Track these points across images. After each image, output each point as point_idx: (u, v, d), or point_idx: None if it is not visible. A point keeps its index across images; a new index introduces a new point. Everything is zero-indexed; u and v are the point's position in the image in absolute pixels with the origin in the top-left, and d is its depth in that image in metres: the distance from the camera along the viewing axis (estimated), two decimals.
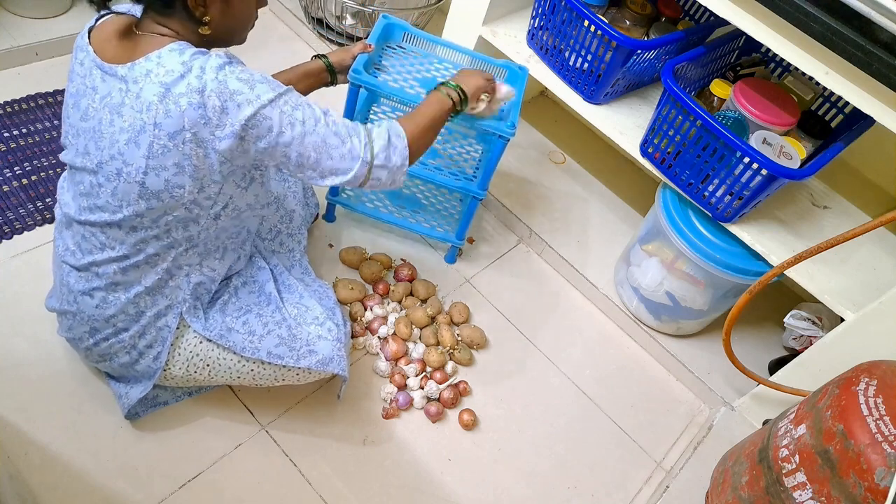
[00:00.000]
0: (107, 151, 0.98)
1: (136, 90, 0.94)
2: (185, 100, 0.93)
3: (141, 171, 0.97)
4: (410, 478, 1.37)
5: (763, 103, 1.47)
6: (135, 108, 0.94)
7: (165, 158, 0.96)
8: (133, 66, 0.95)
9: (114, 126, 0.97)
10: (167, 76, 0.93)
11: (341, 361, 1.25)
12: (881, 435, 1.02)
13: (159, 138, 0.94)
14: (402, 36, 1.58)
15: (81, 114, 1.02)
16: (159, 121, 0.93)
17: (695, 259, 1.51)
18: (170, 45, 0.95)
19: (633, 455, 1.55)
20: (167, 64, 0.94)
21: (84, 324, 1.15)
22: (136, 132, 0.95)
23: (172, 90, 0.93)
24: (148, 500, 1.21)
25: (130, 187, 0.99)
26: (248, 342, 1.20)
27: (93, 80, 0.99)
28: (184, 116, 0.93)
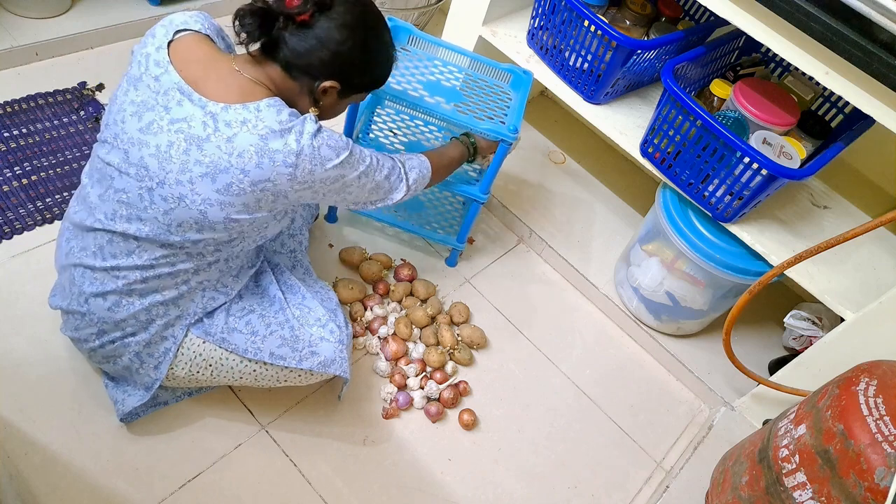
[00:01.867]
0: (174, 175, 1.00)
1: (229, 134, 0.98)
2: (280, 157, 0.99)
3: (208, 203, 1.00)
4: (410, 478, 1.37)
5: (763, 103, 1.47)
6: (222, 150, 0.98)
7: (238, 198, 1.01)
8: (227, 108, 0.98)
9: (188, 155, 0.99)
10: (265, 130, 0.98)
11: (343, 363, 1.25)
12: (881, 435, 1.02)
13: (241, 182, 0.99)
14: (407, 39, 1.58)
15: (143, 126, 1.01)
16: (248, 168, 0.98)
17: (695, 259, 1.51)
18: (267, 99, 1.00)
19: (633, 455, 1.55)
20: (266, 119, 0.98)
21: (92, 325, 1.14)
22: (217, 170, 0.98)
23: (269, 145, 0.98)
24: (148, 500, 1.21)
25: (188, 213, 1.01)
26: (250, 343, 1.20)
27: (167, 100, 1.00)
28: (275, 170, 0.99)
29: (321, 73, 1.06)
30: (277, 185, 1.01)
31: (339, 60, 1.05)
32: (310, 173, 1.03)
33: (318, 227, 1.73)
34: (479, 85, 1.58)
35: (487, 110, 1.52)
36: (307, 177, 1.03)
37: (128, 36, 1.98)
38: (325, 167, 1.04)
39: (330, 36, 1.03)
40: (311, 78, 1.06)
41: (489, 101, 1.55)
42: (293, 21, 1.01)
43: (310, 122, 1.02)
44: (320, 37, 1.03)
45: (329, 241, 1.71)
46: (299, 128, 1.00)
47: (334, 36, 1.03)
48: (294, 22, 1.01)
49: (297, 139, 0.99)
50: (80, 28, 1.91)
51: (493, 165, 1.49)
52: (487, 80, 1.59)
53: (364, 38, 1.07)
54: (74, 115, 1.75)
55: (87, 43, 1.93)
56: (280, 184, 1.01)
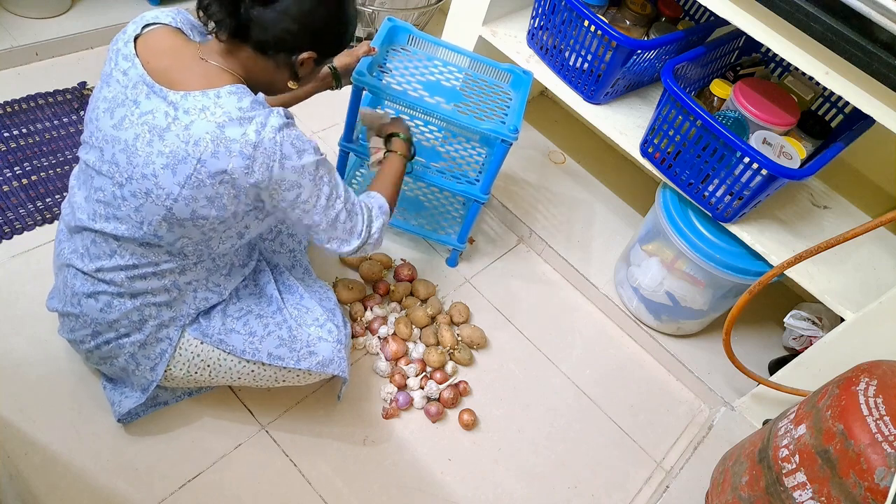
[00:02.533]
0: (139, 169, 0.98)
1: (187, 121, 0.95)
2: (237, 146, 0.95)
3: (171, 198, 0.98)
4: (410, 478, 1.37)
5: (763, 103, 1.47)
6: (181, 138, 0.95)
7: (199, 191, 0.98)
8: (187, 95, 0.96)
9: (152, 147, 0.97)
10: (223, 117, 0.95)
11: (341, 363, 1.25)
12: (881, 435, 1.02)
13: (199, 173, 0.96)
14: (406, 39, 1.58)
15: (115, 122, 1.00)
16: (205, 158, 0.95)
17: (695, 259, 1.51)
18: (229, 86, 0.98)
19: (633, 455, 1.55)
20: (225, 105, 0.96)
21: (87, 326, 1.15)
22: (177, 161, 0.96)
23: (226, 133, 0.95)
24: (148, 500, 1.21)
25: (156, 209, 1.00)
26: (248, 344, 1.20)
27: (136, 94, 0.99)
28: (230, 161, 0.96)
29: (295, 46, 1.03)
30: (235, 179, 0.97)
31: (311, 29, 1.02)
32: (267, 169, 0.98)
33: None
34: (480, 85, 1.58)
35: (488, 110, 1.52)
36: (264, 173, 0.98)
37: None
38: (284, 166, 0.99)
39: (298, 7, 0.99)
40: (287, 52, 1.03)
41: (489, 100, 1.55)
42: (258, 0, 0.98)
43: (275, 116, 0.98)
44: (288, 10, 0.99)
45: None
46: (261, 119, 0.97)
47: (302, 6, 0.99)
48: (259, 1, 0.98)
49: (256, 130, 0.96)
50: (80, 28, 1.91)
51: (493, 166, 1.49)
52: (487, 81, 1.59)
53: (331, 2, 1.03)
54: (74, 115, 1.75)
55: (87, 43, 1.93)
56: (237, 177, 0.97)
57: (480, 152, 1.72)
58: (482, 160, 1.71)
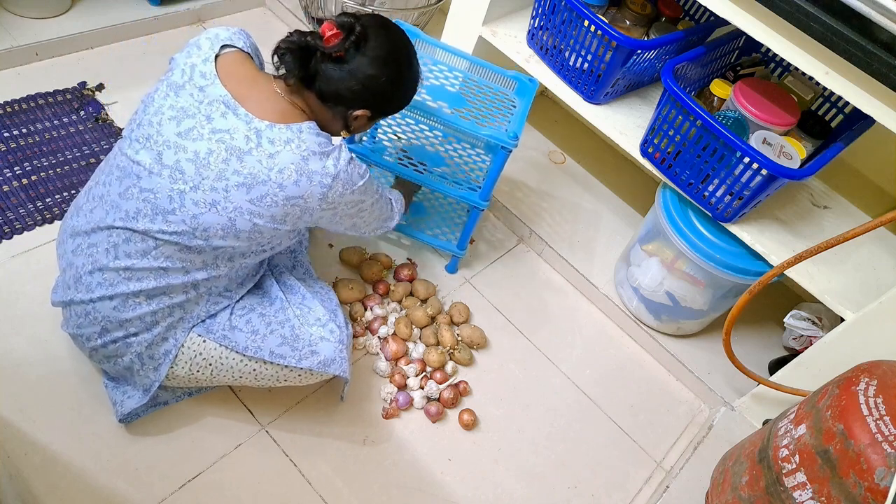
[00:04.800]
0: (209, 182, 1.04)
1: (272, 150, 1.04)
2: (318, 177, 1.06)
3: (238, 211, 1.05)
4: (410, 478, 1.37)
5: (763, 103, 1.47)
6: (263, 164, 1.04)
7: (268, 210, 1.06)
8: (272, 126, 1.05)
9: (227, 165, 1.04)
10: (306, 152, 1.05)
11: (343, 363, 1.25)
12: (881, 435, 1.02)
13: (276, 195, 1.05)
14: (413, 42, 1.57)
15: (181, 131, 1.05)
16: (286, 184, 1.05)
17: (695, 259, 1.51)
18: (307, 122, 1.09)
19: (633, 455, 1.55)
20: (307, 141, 1.06)
21: (96, 323, 1.14)
22: (255, 181, 1.04)
23: (309, 165, 1.06)
24: (148, 500, 1.21)
25: (217, 219, 1.06)
26: (250, 341, 1.20)
27: (211, 110, 1.05)
28: (310, 189, 1.07)
29: (354, 103, 1.13)
30: (308, 203, 1.08)
31: (370, 92, 1.12)
32: (340, 195, 1.11)
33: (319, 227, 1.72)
34: (484, 91, 1.57)
35: (490, 116, 1.52)
36: (337, 198, 1.11)
37: (128, 36, 1.98)
38: (353, 190, 1.12)
39: (363, 70, 1.10)
40: (345, 107, 1.13)
41: (492, 107, 1.54)
42: (330, 57, 1.08)
43: (345, 151, 1.10)
44: (354, 71, 1.09)
45: (329, 241, 1.71)
46: (336, 154, 1.09)
47: (367, 70, 1.10)
48: (331, 58, 1.08)
49: (335, 164, 1.08)
50: (80, 28, 1.91)
51: (493, 173, 1.48)
52: (493, 87, 1.57)
53: (395, 71, 1.14)
54: (74, 115, 1.75)
55: (87, 43, 1.93)
56: (311, 202, 1.08)
57: (485, 159, 1.70)
58: (486, 167, 1.70)
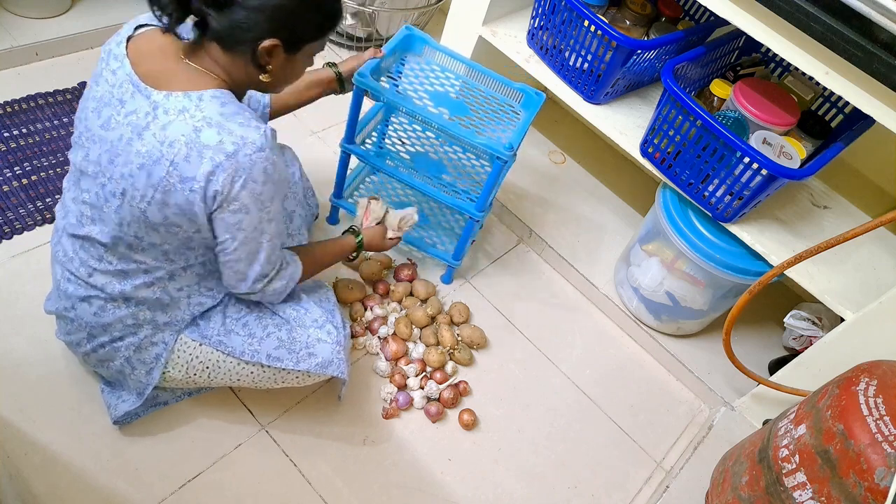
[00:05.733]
0: (119, 169, 0.97)
1: (165, 121, 0.93)
2: (209, 153, 0.92)
3: (146, 200, 0.97)
4: (410, 478, 1.37)
5: (763, 103, 1.47)
6: (157, 138, 0.93)
7: (170, 196, 0.96)
8: (169, 95, 0.94)
9: (131, 147, 0.96)
10: (202, 122, 0.92)
11: (341, 364, 1.24)
12: (881, 435, 1.02)
13: (171, 176, 0.94)
14: (423, 49, 1.57)
15: (102, 122, 0.99)
16: (177, 161, 0.93)
17: (695, 259, 1.51)
18: (213, 90, 0.95)
19: (633, 455, 1.55)
20: (206, 109, 0.93)
21: (82, 329, 1.15)
22: (152, 161, 0.94)
23: (201, 137, 0.92)
24: (148, 500, 1.21)
25: (131, 211, 0.99)
26: (247, 345, 1.19)
27: (122, 93, 0.97)
28: (200, 166, 0.93)
29: (256, 33, 0.94)
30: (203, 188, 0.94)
31: (268, 13, 0.93)
32: (231, 182, 0.94)
33: (319, 227, 1.73)
34: (490, 102, 1.56)
35: (491, 127, 1.51)
36: (226, 185, 0.94)
37: None
38: (245, 186, 0.95)
39: None
40: (250, 43, 0.95)
41: (495, 117, 1.54)
42: None
43: (259, 135, 0.94)
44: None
45: None
46: (244, 133, 0.93)
47: None
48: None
49: (234, 143, 0.93)
50: (80, 28, 1.91)
51: (488, 184, 1.46)
52: (498, 98, 1.56)
53: None
54: (74, 115, 1.75)
55: (87, 43, 1.93)
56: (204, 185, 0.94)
57: (488, 170, 1.69)
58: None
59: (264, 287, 1.12)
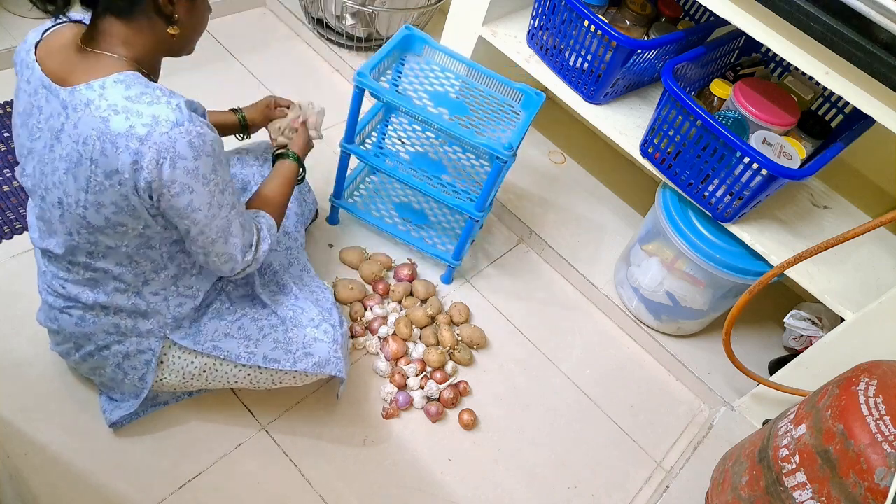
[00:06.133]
0: (49, 178, 0.94)
1: (75, 119, 0.88)
2: (122, 141, 0.87)
3: (81, 205, 0.93)
4: (410, 478, 1.37)
5: (763, 103, 1.47)
6: (72, 138, 0.89)
7: (103, 196, 0.91)
8: (74, 91, 0.88)
9: (54, 152, 0.92)
10: (108, 111, 0.87)
11: (338, 363, 1.24)
12: (881, 435, 1.02)
13: (96, 174, 0.90)
14: (423, 49, 1.57)
15: (29, 133, 0.96)
16: (95, 157, 0.88)
17: (695, 259, 1.51)
18: (115, 74, 0.89)
19: (633, 455, 1.55)
20: (110, 97, 0.87)
21: (68, 340, 1.15)
22: (74, 164, 0.90)
23: (111, 127, 0.86)
24: (148, 500, 1.21)
25: (74, 218, 0.95)
26: (243, 348, 1.19)
27: (38, 99, 0.93)
28: (118, 158, 0.88)
29: None
30: (128, 180, 0.89)
31: None
32: (157, 167, 0.88)
33: (319, 227, 1.73)
34: (490, 102, 1.56)
35: (491, 126, 1.51)
36: (153, 172, 0.88)
37: None
38: (175, 165, 0.89)
39: None
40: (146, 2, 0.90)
41: (495, 117, 1.54)
42: None
43: (171, 109, 0.88)
44: None
45: (329, 241, 1.71)
46: (154, 111, 0.87)
47: None
48: None
49: (146, 123, 0.86)
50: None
51: (487, 184, 1.46)
52: (498, 98, 1.56)
53: None
54: None
55: None
56: (129, 177, 0.89)
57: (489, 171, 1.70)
58: None
59: (255, 255, 1.08)
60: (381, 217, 1.72)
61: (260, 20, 2.23)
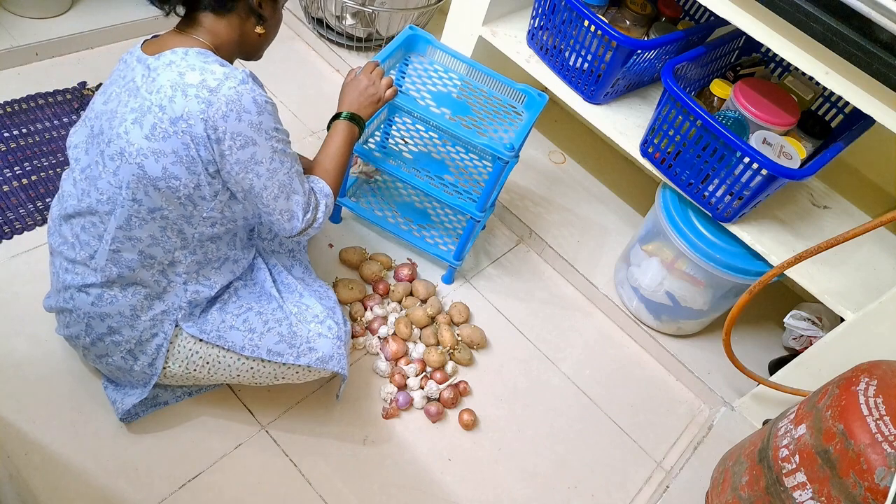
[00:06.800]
0: (115, 129, 1.02)
1: (155, 75, 0.99)
2: (193, 91, 0.97)
3: (142, 153, 1.00)
4: (410, 478, 1.37)
5: (763, 103, 1.47)
6: (147, 90, 0.99)
7: (165, 144, 0.99)
8: (159, 56, 1.01)
9: (127, 106, 1.01)
10: (186, 67, 0.98)
11: (341, 360, 1.25)
12: (881, 435, 1.03)
13: (162, 122, 0.98)
14: (426, 49, 1.57)
15: (105, 98, 1.06)
16: (164, 104, 0.98)
17: (695, 259, 1.51)
18: (198, 48, 1.02)
19: (633, 455, 1.55)
20: (191, 59, 0.99)
21: (80, 321, 1.15)
22: (143, 112, 0.99)
23: (185, 79, 0.98)
24: (148, 500, 1.21)
25: (130, 169, 1.01)
26: (247, 340, 1.20)
27: (127, 70, 1.05)
28: (187, 105, 0.97)
29: None
30: (193, 128, 0.98)
31: None
32: (223, 117, 0.97)
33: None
34: (492, 102, 1.56)
35: (493, 127, 1.51)
36: (219, 122, 0.98)
37: (128, 36, 1.98)
38: (241, 118, 0.99)
39: None
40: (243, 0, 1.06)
41: (497, 118, 1.54)
42: None
43: (240, 72, 1.00)
44: None
45: (329, 241, 1.71)
46: (226, 71, 0.99)
47: None
48: None
49: (217, 79, 0.98)
50: (80, 28, 1.91)
51: (489, 184, 1.46)
52: (501, 99, 1.56)
53: None
54: (74, 115, 1.75)
55: (87, 43, 1.93)
56: (193, 124, 0.97)
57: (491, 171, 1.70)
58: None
59: (314, 216, 1.14)
60: (384, 216, 1.72)
61: None
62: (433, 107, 1.52)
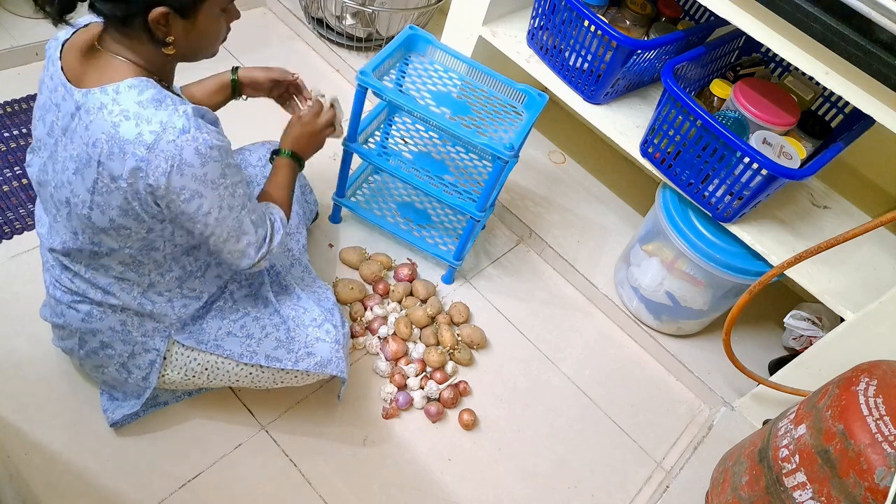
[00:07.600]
0: (59, 176, 0.96)
1: (87, 121, 0.89)
2: (130, 148, 0.88)
3: (87, 206, 0.94)
4: (410, 478, 1.37)
5: (763, 103, 1.47)
6: (83, 139, 0.90)
7: (110, 198, 0.93)
8: (88, 93, 0.90)
9: (66, 151, 0.93)
10: (119, 116, 0.88)
11: (340, 363, 1.24)
12: (881, 435, 1.02)
13: (102, 177, 0.91)
14: (426, 48, 1.57)
15: (47, 129, 0.97)
16: (103, 160, 0.89)
17: (695, 259, 1.51)
18: (129, 79, 0.90)
19: (633, 455, 1.55)
20: (122, 102, 0.88)
21: (73, 335, 1.15)
22: (83, 163, 0.91)
23: (120, 132, 0.88)
24: (148, 500, 1.21)
25: (80, 218, 0.97)
26: (245, 347, 1.19)
27: (58, 97, 0.94)
28: (125, 165, 0.89)
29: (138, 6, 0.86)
30: (133, 185, 0.90)
31: None
32: (164, 174, 0.88)
33: (319, 227, 1.73)
34: (492, 102, 1.56)
35: (493, 127, 1.51)
36: (161, 180, 0.89)
37: None
38: (183, 173, 0.89)
39: None
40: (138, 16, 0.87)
41: (497, 118, 1.54)
42: None
43: (180, 116, 0.88)
44: None
45: (329, 241, 1.71)
46: (163, 118, 0.88)
47: None
48: None
49: (153, 131, 0.87)
50: None
51: (489, 184, 1.46)
52: (501, 99, 1.56)
53: None
54: None
55: None
56: (134, 182, 0.90)
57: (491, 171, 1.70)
58: None
59: (270, 248, 1.09)
60: (384, 216, 1.72)
61: (260, 20, 2.23)
62: (433, 106, 1.52)
